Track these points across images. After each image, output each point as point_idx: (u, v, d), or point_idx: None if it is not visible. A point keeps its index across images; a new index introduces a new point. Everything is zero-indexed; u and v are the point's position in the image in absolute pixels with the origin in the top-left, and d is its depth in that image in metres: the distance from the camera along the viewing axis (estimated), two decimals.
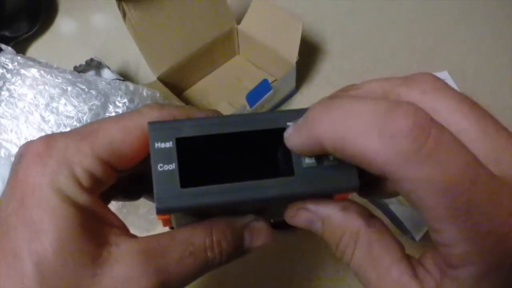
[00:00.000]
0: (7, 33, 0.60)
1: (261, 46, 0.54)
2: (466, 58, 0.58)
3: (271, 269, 0.44)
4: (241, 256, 0.25)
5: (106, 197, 0.27)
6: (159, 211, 0.21)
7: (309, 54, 0.59)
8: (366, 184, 0.23)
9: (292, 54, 0.51)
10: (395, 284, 0.20)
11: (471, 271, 0.18)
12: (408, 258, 0.21)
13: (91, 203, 0.22)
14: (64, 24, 0.66)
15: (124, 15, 0.48)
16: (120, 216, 0.24)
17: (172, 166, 0.21)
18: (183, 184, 0.21)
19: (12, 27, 0.61)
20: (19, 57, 0.43)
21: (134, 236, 0.23)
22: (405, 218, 0.43)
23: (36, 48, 0.64)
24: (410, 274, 0.20)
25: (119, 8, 0.48)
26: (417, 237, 0.43)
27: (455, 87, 0.54)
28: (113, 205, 0.41)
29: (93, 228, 0.21)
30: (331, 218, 0.23)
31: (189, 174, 0.21)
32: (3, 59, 0.43)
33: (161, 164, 0.21)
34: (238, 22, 0.55)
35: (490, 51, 0.59)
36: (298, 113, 0.22)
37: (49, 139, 0.22)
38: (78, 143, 0.22)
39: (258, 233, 0.25)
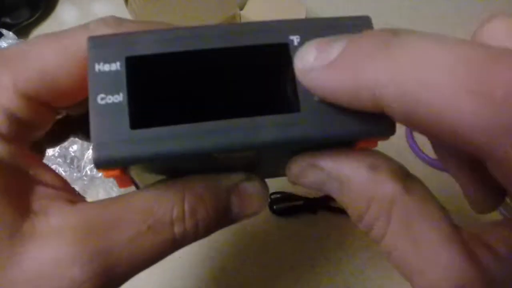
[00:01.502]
0: (8, 20, 0.60)
1: None
2: None
3: (272, 257, 0.44)
4: (225, 226, 0.20)
5: (41, 146, 0.21)
6: (98, 164, 0.15)
7: None
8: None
9: None
10: (447, 272, 0.15)
11: None
12: (460, 234, 0.16)
13: (13, 156, 0.16)
14: (65, 10, 0.65)
15: (126, 1, 0.48)
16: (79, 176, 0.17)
17: (119, 98, 0.15)
18: (135, 123, 0.15)
19: (13, 13, 0.60)
20: (19, 42, 0.43)
21: (74, 202, 0.17)
22: None
23: (37, 34, 0.63)
24: (466, 256, 0.15)
25: None
26: None
27: None
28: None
29: (14, 191, 0.16)
30: (353, 180, 0.17)
31: (144, 109, 0.15)
32: (4, 44, 0.43)
33: (103, 95, 0.15)
34: (241, 8, 0.55)
35: None
36: (311, 24, 0.16)
37: None
38: None
39: (250, 198, 0.20)
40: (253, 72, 0.16)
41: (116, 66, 0.15)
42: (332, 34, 0.16)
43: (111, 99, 0.15)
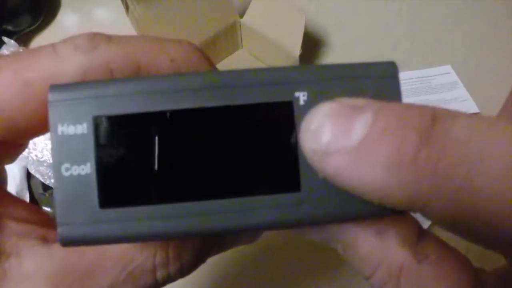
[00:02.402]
0: (9, 27, 0.60)
1: (264, 39, 0.54)
2: (469, 52, 0.58)
3: (273, 264, 0.44)
4: (213, 255, 0.18)
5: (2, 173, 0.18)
6: (63, 244, 0.13)
7: (312, 47, 0.59)
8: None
9: (295, 47, 0.51)
10: None
11: None
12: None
13: None
14: (66, 18, 0.66)
15: (127, 9, 0.48)
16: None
17: (86, 169, 0.13)
18: (105, 202, 0.13)
19: (14, 21, 0.60)
20: (21, 50, 0.44)
21: (48, 240, 0.15)
22: None
23: (38, 42, 0.63)
24: None
25: (122, 2, 0.48)
26: None
27: (458, 81, 0.53)
28: None
29: None
30: (358, 245, 0.15)
31: (117, 183, 0.13)
32: (6, 52, 0.43)
33: (68, 165, 0.13)
34: (241, 16, 0.55)
35: (492, 45, 0.59)
36: (321, 74, 0.13)
37: None
38: None
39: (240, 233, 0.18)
40: (246, 139, 0.13)
41: (82, 128, 0.13)
42: (348, 90, 0.14)
43: (77, 171, 0.13)
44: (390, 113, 0.12)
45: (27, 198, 0.43)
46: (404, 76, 0.53)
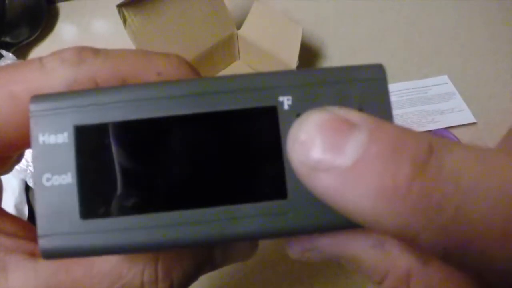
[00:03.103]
0: (8, 39, 0.60)
1: (262, 51, 0.54)
2: (466, 62, 0.59)
3: (271, 273, 0.44)
4: (206, 273, 0.18)
5: None
6: (45, 256, 0.13)
7: (309, 59, 0.59)
8: None
9: (292, 59, 0.51)
10: None
11: None
12: None
13: None
14: (64, 30, 0.66)
15: (124, 21, 0.48)
16: None
17: (68, 178, 0.12)
18: (87, 212, 0.12)
19: (13, 33, 0.61)
20: None
21: (35, 254, 0.15)
22: None
23: (37, 54, 0.64)
24: None
25: (120, 14, 0.48)
26: None
27: (455, 91, 0.54)
28: None
29: None
30: (360, 259, 0.15)
31: (98, 193, 0.13)
32: (4, 65, 0.43)
33: (49, 175, 0.12)
34: (238, 28, 0.55)
35: (489, 55, 0.59)
36: (307, 78, 0.13)
37: None
38: None
39: (236, 249, 0.18)
40: (230, 146, 0.13)
41: (63, 137, 0.12)
42: (335, 94, 0.13)
43: (57, 180, 0.12)
44: (385, 138, 0.11)
45: (26, 210, 0.42)
46: (401, 87, 0.53)
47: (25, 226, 0.16)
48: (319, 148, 0.11)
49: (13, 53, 0.46)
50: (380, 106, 0.13)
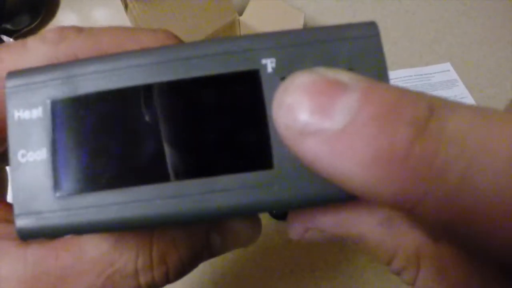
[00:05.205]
0: (8, 26, 0.60)
1: None
2: (468, 50, 0.58)
3: (272, 261, 0.44)
4: (205, 261, 0.17)
5: None
6: (22, 236, 0.12)
7: None
8: None
9: None
10: None
11: None
12: None
13: None
14: (65, 17, 0.66)
15: (126, 7, 0.48)
16: None
17: (42, 154, 0.12)
18: (61, 189, 0.12)
19: (13, 20, 0.61)
20: None
21: (25, 243, 0.14)
22: None
23: None
24: None
25: (121, 0, 0.48)
26: None
27: (458, 79, 0.53)
28: None
29: None
30: (367, 238, 0.14)
31: (73, 169, 0.12)
32: None
33: (24, 151, 0.12)
34: (240, 14, 0.55)
35: (492, 43, 0.59)
36: (292, 39, 0.12)
37: None
38: None
39: (236, 234, 0.16)
40: (211, 113, 0.12)
41: (37, 112, 0.12)
42: (323, 54, 0.12)
43: (32, 156, 0.12)
44: (380, 98, 0.10)
45: None
46: (404, 74, 0.53)
47: (6, 208, 0.16)
48: (307, 111, 0.10)
49: (14, 39, 0.46)
50: (374, 66, 0.12)
